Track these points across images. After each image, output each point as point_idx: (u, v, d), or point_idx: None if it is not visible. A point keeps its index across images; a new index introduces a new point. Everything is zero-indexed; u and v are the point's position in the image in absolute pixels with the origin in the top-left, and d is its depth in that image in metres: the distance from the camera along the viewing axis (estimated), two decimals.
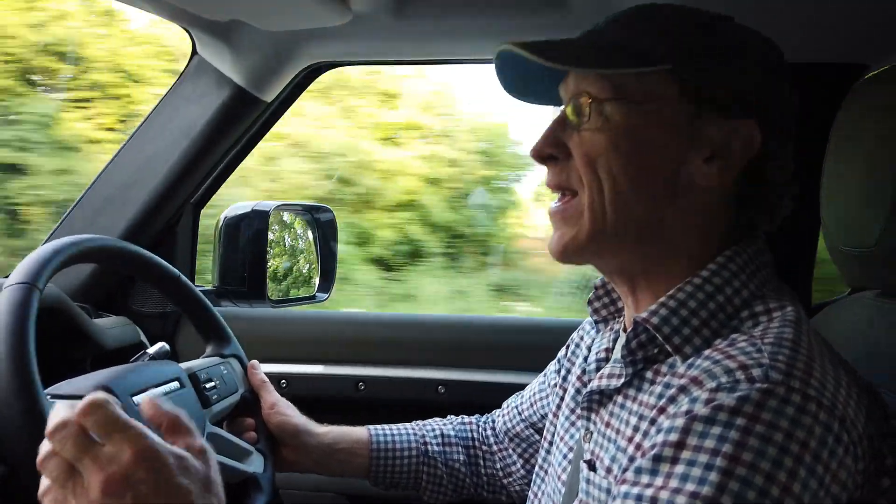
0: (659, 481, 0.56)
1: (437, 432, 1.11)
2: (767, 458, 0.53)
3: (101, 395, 0.61)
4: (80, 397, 0.81)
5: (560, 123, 0.73)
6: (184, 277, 1.08)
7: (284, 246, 1.64)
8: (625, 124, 0.69)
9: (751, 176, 0.70)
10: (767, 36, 0.73)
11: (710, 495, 0.53)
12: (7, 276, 0.84)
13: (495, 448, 1.10)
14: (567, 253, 0.73)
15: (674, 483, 0.55)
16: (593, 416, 0.76)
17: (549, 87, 0.76)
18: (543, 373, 1.05)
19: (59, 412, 0.61)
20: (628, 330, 0.72)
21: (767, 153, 0.70)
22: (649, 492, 0.56)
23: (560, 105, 0.76)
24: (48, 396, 0.78)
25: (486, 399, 1.22)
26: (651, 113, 0.69)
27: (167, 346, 1.12)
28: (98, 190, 1.36)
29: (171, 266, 1.06)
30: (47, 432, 0.60)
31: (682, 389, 0.61)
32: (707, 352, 0.64)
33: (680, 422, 0.58)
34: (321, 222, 1.65)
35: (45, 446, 0.60)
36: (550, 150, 0.73)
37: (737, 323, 0.67)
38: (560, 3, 1.08)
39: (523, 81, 0.77)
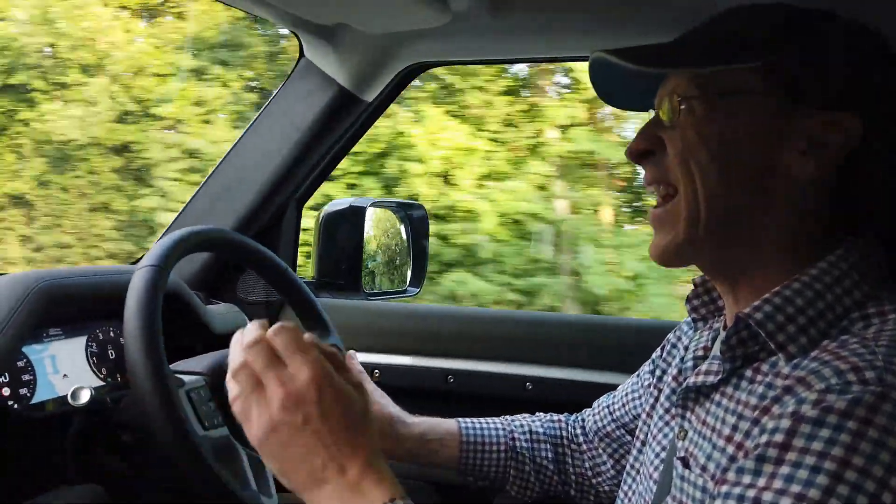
0: (762, 482, 0.55)
1: (526, 429, 1.12)
2: (880, 463, 0.52)
3: (289, 322, 0.70)
4: (199, 373, 0.89)
5: (655, 124, 0.74)
6: (290, 269, 1.14)
7: (379, 241, 1.70)
8: (713, 120, 0.68)
9: (851, 169, 0.68)
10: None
11: (816, 498, 0.52)
12: (136, 262, 0.92)
13: (584, 447, 1.09)
14: (667, 255, 0.73)
15: (778, 484, 0.54)
16: (689, 413, 0.76)
17: (643, 93, 0.76)
18: (637, 373, 1.04)
19: (252, 330, 0.70)
20: (729, 326, 0.71)
21: (869, 146, 0.67)
22: (751, 493, 0.55)
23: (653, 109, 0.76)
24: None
25: (574, 398, 1.22)
26: (743, 108, 0.68)
27: None
28: (213, 184, 1.46)
29: (278, 258, 1.12)
30: (244, 345, 0.69)
31: (788, 390, 0.59)
32: (814, 352, 0.62)
33: (786, 423, 0.56)
34: (413, 218, 1.70)
35: (239, 357, 0.69)
36: (645, 146, 0.73)
37: (847, 324, 0.64)
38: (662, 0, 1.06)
39: (618, 86, 0.78)
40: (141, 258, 0.98)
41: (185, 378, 0.86)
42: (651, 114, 0.76)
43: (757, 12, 0.72)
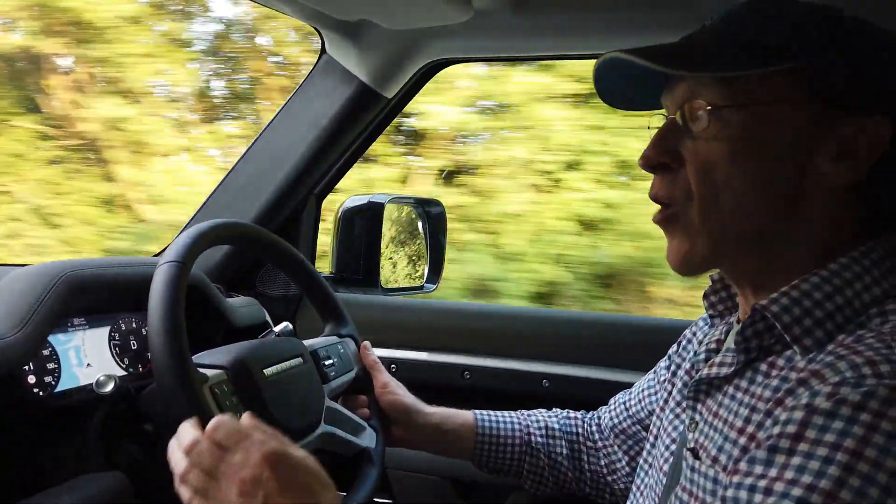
0: (773, 472, 0.55)
1: (542, 424, 1.12)
2: (893, 455, 0.51)
3: (221, 416, 0.73)
4: (221, 367, 0.90)
5: (671, 130, 0.71)
6: (309, 263, 1.15)
7: (397, 237, 1.71)
8: (746, 130, 0.66)
9: (881, 172, 0.67)
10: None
11: (827, 489, 0.52)
12: (158, 254, 0.93)
13: (600, 444, 1.09)
14: (688, 266, 0.72)
15: (789, 474, 0.54)
16: (699, 405, 0.76)
17: (647, 93, 0.74)
18: (653, 369, 1.04)
19: (188, 433, 0.73)
20: (744, 318, 0.70)
21: None
22: (763, 483, 0.55)
23: (655, 109, 0.74)
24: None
25: (591, 395, 1.22)
26: (775, 116, 0.66)
27: (290, 326, 1.21)
28: (234, 178, 1.48)
29: (297, 252, 1.13)
30: (184, 449, 0.72)
31: (802, 382, 0.59)
32: (830, 347, 0.62)
33: (798, 414, 0.56)
34: (432, 215, 1.70)
35: (182, 463, 0.72)
36: (663, 159, 0.71)
37: (864, 320, 0.64)
38: None
39: (623, 88, 0.75)
40: (164, 250, 0.99)
41: (209, 373, 0.87)
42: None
43: (776, 12, 0.69)
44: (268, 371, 0.93)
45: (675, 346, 0.99)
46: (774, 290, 0.69)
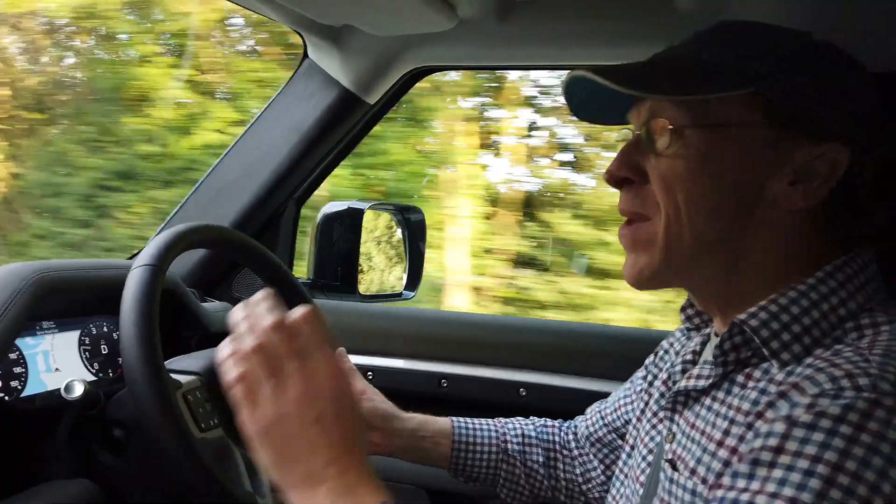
0: (756, 485, 0.56)
1: (519, 431, 1.12)
2: (873, 468, 0.52)
3: (310, 308, 0.67)
4: (195, 373, 0.89)
5: (635, 146, 0.72)
6: (286, 268, 1.14)
7: (376, 244, 1.70)
8: (705, 150, 0.67)
9: (839, 196, 0.68)
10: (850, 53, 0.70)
11: (809, 501, 0.52)
12: (132, 258, 0.91)
13: (576, 453, 1.10)
14: (642, 280, 0.73)
15: (771, 487, 0.55)
16: (677, 416, 0.76)
17: (617, 108, 0.75)
18: (630, 379, 1.04)
19: (268, 308, 0.67)
20: (722, 331, 0.71)
21: (855, 175, 0.67)
22: (746, 496, 0.56)
23: (626, 123, 0.75)
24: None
25: (567, 405, 1.22)
26: (734, 138, 0.67)
27: None
28: (212, 181, 1.46)
29: (276, 257, 1.12)
30: (269, 327, 0.65)
31: (783, 395, 0.60)
32: (808, 360, 0.63)
33: (780, 427, 0.57)
34: (411, 222, 1.69)
35: (261, 336, 0.65)
36: (626, 174, 0.72)
37: (840, 334, 0.65)
38: (668, 6, 1.07)
39: (592, 103, 0.76)
40: (138, 253, 0.97)
41: (182, 379, 0.85)
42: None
43: (743, 34, 0.70)
44: None
45: (651, 357, 1.00)
46: (739, 308, 0.70)
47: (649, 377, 0.96)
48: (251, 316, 0.68)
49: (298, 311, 0.67)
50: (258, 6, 1.20)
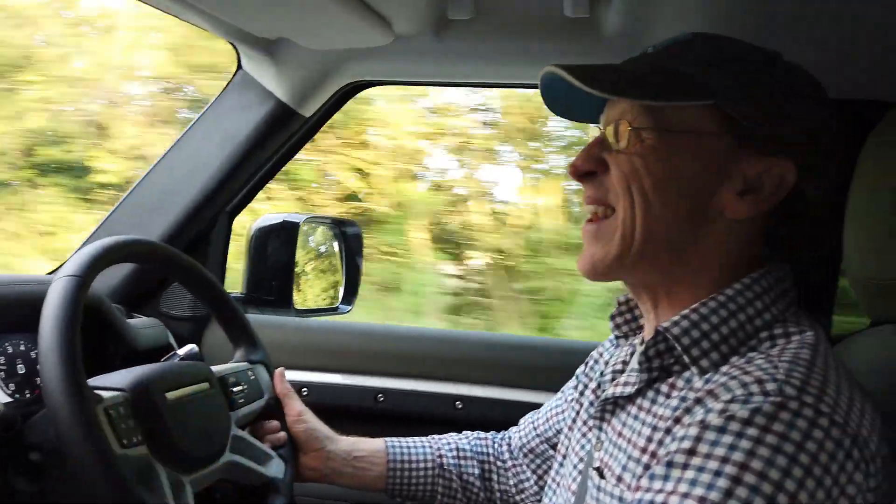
0: (669, 486, 0.58)
1: (453, 446, 1.13)
2: (777, 467, 0.55)
3: None
4: (119, 389, 0.85)
5: (599, 143, 0.76)
6: (219, 283, 1.11)
7: (311, 258, 1.68)
8: (661, 153, 0.71)
9: (784, 211, 0.73)
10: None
11: (716, 500, 0.55)
12: (53, 272, 0.87)
13: (510, 464, 1.11)
14: (596, 270, 0.76)
15: (683, 488, 0.57)
16: (605, 424, 0.79)
17: (591, 106, 0.79)
18: (562, 389, 1.07)
19: None
20: (647, 339, 0.74)
21: (802, 192, 0.72)
22: (660, 497, 0.58)
23: (597, 122, 0.79)
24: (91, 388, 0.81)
25: (503, 416, 1.24)
26: (688, 144, 0.71)
27: (196, 348, 1.15)
28: (140, 193, 1.41)
29: (208, 272, 1.09)
30: None
31: (698, 401, 0.63)
32: (724, 368, 0.67)
33: (693, 430, 0.60)
34: (348, 236, 1.68)
35: None
36: (589, 167, 0.76)
37: (755, 343, 0.69)
38: (593, 29, 1.11)
39: (567, 100, 0.80)
40: (59, 268, 0.93)
41: (104, 394, 0.81)
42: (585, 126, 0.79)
43: (712, 48, 0.74)
44: (170, 395, 0.88)
45: (582, 367, 1.02)
46: (674, 310, 0.73)
47: (580, 387, 0.98)
48: None
49: None
50: (191, 17, 1.18)
